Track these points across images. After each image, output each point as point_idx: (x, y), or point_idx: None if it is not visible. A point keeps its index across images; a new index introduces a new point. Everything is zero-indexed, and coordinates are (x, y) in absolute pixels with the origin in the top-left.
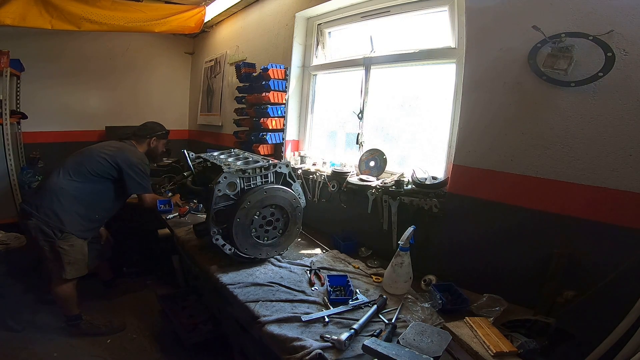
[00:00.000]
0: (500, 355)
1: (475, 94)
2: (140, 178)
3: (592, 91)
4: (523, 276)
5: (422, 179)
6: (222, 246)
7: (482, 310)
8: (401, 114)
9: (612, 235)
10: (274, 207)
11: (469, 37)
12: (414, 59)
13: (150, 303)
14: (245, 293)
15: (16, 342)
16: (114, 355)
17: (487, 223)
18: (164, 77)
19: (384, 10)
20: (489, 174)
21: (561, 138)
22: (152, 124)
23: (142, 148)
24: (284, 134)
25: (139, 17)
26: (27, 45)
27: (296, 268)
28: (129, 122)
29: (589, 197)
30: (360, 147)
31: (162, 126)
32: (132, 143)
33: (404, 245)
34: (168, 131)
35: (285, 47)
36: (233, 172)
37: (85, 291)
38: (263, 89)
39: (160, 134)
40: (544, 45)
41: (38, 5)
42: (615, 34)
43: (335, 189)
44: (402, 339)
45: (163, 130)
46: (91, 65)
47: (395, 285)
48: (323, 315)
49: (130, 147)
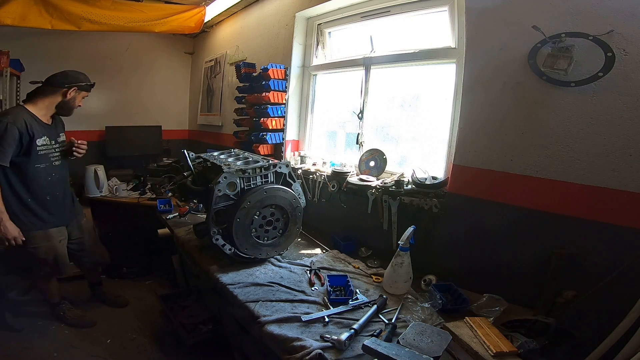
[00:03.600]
0: (500, 355)
1: (475, 94)
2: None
3: (592, 91)
4: (523, 276)
5: (422, 179)
6: (222, 246)
7: (482, 310)
8: (401, 114)
9: (612, 235)
10: (274, 207)
11: (469, 37)
12: (414, 59)
13: (150, 303)
14: (245, 293)
15: (16, 342)
16: (114, 355)
17: (487, 223)
18: (164, 77)
19: (384, 10)
20: (489, 174)
21: (561, 138)
22: (74, 72)
23: (49, 101)
24: (284, 134)
25: (139, 17)
26: (27, 45)
27: (296, 268)
28: (129, 122)
29: (589, 197)
30: (360, 147)
31: (86, 77)
32: (21, 104)
33: (404, 245)
34: (92, 84)
35: (285, 47)
36: (233, 172)
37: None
38: (263, 89)
39: (83, 85)
40: (544, 45)
41: (38, 5)
42: (615, 34)
43: (335, 189)
44: (402, 339)
45: (87, 81)
46: (91, 65)
47: (395, 285)
48: (323, 315)
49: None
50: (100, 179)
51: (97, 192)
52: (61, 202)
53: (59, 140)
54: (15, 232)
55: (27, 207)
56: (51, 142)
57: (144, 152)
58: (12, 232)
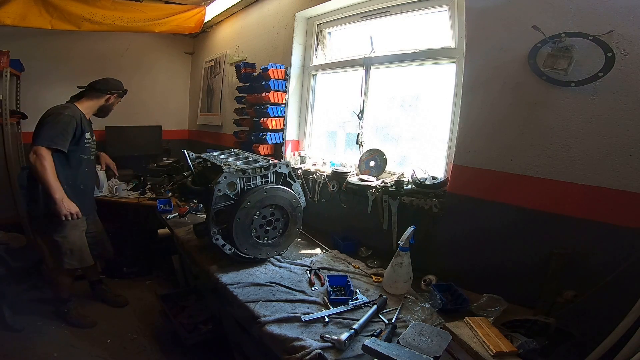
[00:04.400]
0: (500, 355)
1: (475, 94)
2: (42, 127)
3: (592, 91)
4: (523, 276)
5: (422, 179)
6: (222, 246)
7: (482, 310)
8: (401, 114)
9: (612, 235)
10: (274, 207)
11: (468, 37)
12: (414, 59)
13: (150, 303)
14: (245, 293)
15: (16, 342)
16: (114, 355)
17: (487, 223)
18: (164, 77)
19: (384, 10)
20: (489, 174)
21: (561, 138)
22: (114, 80)
23: (93, 103)
24: (284, 134)
25: (139, 17)
26: (27, 45)
27: (296, 268)
28: (129, 122)
29: (589, 197)
30: (360, 147)
31: (121, 85)
32: (73, 103)
33: (404, 245)
34: (126, 90)
35: (285, 47)
36: (233, 172)
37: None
38: (263, 89)
39: (122, 92)
40: (544, 45)
41: (38, 5)
42: (615, 34)
43: (335, 189)
44: (402, 339)
45: (123, 89)
46: (91, 65)
47: (395, 285)
48: (323, 315)
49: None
50: (100, 179)
51: (97, 192)
52: (89, 194)
53: (93, 138)
54: (76, 208)
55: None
56: (92, 138)
57: (144, 152)
58: (73, 207)
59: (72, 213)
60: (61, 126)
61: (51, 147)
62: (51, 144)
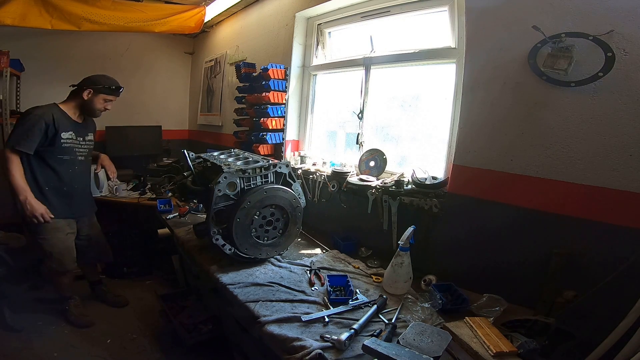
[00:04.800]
0: (500, 355)
1: (475, 94)
2: (13, 128)
3: (592, 91)
4: (523, 276)
5: (422, 179)
6: (222, 246)
7: (482, 310)
8: (401, 114)
9: (612, 235)
10: (274, 207)
11: (469, 37)
12: (414, 59)
13: (150, 303)
14: (245, 293)
15: (16, 342)
16: (114, 355)
17: (487, 223)
18: (164, 77)
19: (384, 10)
20: (489, 174)
21: (561, 138)
22: (100, 77)
23: (75, 100)
24: (284, 134)
25: (139, 17)
26: (27, 45)
27: (296, 268)
28: (129, 122)
29: (589, 197)
30: (360, 147)
31: (108, 80)
32: (55, 103)
33: (404, 245)
34: (115, 87)
35: (285, 47)
36: (233, 172)
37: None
38: (263, 89)
39: (101, 87)
40: (544, 45)
41: (38, 5)
42: (615, 34)
43: (335, 189)
44: (402, 339)
45: (107, 84)
46: (91, 65)
47: (395, 285)
48: (323, 315)
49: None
50: (100, 179)
51: (97, 192)
52: (78, 195)
53: (86, 138)
54: (42, 209)
55: (43, 195)
56: (77, 138)
57: (144, 152)
58: (39, 208)
59: (36, 215)
60: (26, 127)
61: (15, 149)
62: (16, 146)
